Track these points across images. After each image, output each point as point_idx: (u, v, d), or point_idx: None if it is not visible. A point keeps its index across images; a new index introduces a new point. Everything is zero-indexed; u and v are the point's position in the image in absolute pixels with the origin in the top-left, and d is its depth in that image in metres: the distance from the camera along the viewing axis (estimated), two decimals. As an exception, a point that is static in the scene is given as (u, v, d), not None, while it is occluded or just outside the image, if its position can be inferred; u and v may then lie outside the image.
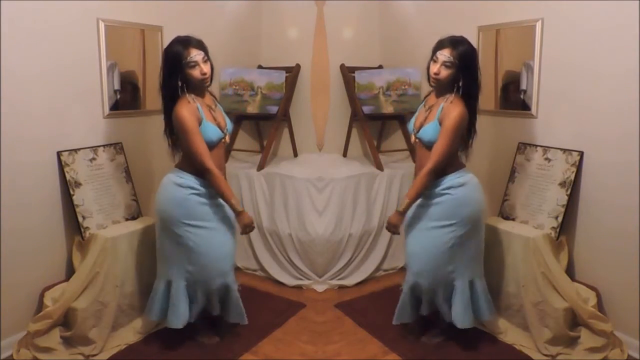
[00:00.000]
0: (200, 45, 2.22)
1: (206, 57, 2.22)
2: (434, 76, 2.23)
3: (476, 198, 2.31)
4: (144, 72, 2.88)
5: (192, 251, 2.27)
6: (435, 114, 2.25)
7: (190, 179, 2.27)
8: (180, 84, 2.21)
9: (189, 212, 2.26)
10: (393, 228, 2.33)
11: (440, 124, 2.22)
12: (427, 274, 2.30)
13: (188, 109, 2.19)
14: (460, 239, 2.26)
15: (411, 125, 2.41)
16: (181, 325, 2.32)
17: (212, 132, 2.27)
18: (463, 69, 2.19)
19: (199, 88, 2.27)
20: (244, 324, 2.48)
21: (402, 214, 2.29)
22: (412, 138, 2.39)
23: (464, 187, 2.27)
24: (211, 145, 2.26)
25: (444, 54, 2.18)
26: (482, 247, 2.40)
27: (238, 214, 2.30)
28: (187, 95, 2.23)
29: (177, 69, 2.18)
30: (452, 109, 2.19)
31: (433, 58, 2.23)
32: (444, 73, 2.19)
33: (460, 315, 2.31)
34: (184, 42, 2.19)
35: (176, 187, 2.27)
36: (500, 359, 2.35)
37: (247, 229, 2.33)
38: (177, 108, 2.20)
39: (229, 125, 2.42)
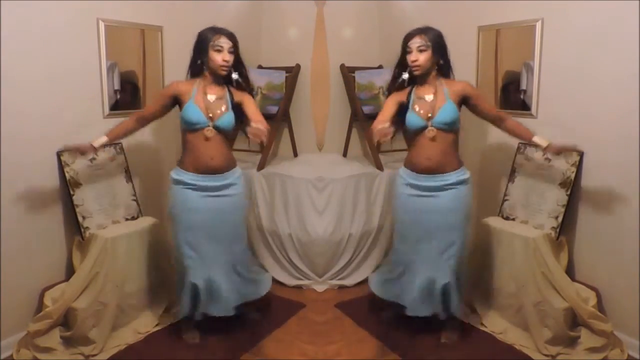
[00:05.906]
0: (231, 37, 2.34)
1: (232, 49, 2.32)
2: (413, 65, 2.28)
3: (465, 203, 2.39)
4: (144, 72, 2.88)
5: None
6: (444, 97, 2.29)
7: (185, 176, 2.33)
8: (201, 66, 2.34)
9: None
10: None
11: (455, 102, 2.29)
12: None
13: (177, 84, 2.36)
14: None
15: (415, 121, 2.30)
16: None
17: (192, 112, 2.29)
18: (439, 50, 2.30)
19: (215, 74, 2.35)
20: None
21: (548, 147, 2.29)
22: (431, 132, 2.27)
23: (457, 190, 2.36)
24: (190, 128, 2.31)
25: (416, 41, 2.27)
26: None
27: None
28: (198, 78, 2.36)
29: (202, 50, 2.31)
30: (459, 83, 2.34)
31: (407, 50, 2.30)
32: (422, 58, 2.27)
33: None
34: (216, 29, 2.33)
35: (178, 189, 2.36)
36: (500, 359, 2.35)
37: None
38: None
39: (226, 122, 2.32)
